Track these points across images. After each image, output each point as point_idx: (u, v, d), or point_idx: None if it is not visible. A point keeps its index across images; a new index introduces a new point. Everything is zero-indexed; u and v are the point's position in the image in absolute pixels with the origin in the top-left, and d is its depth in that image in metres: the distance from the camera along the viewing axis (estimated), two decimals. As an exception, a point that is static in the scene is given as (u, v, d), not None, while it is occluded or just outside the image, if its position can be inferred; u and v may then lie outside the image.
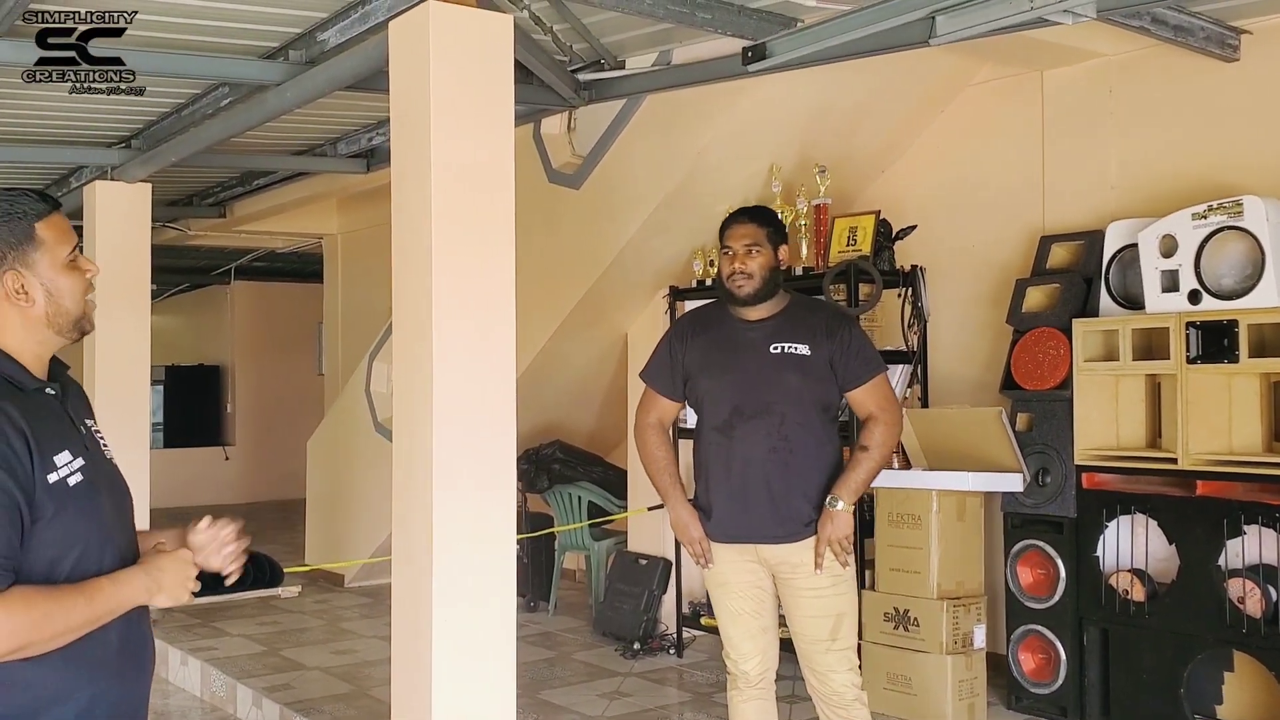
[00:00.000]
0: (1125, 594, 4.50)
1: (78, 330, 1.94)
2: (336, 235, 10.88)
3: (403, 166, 3.83)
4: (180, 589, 1.88)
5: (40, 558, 1.76)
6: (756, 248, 3.41)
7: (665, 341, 3.66)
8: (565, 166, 6.26)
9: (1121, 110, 5.09)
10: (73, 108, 5.42)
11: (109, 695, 1.85)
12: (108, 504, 1.89)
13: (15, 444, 1.74)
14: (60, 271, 1.90)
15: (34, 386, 1.87)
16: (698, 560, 3.53)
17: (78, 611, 1.75)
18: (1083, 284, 4.83)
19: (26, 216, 1.88)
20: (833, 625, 3.41)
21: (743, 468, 3.40)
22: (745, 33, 4.19)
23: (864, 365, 3.47)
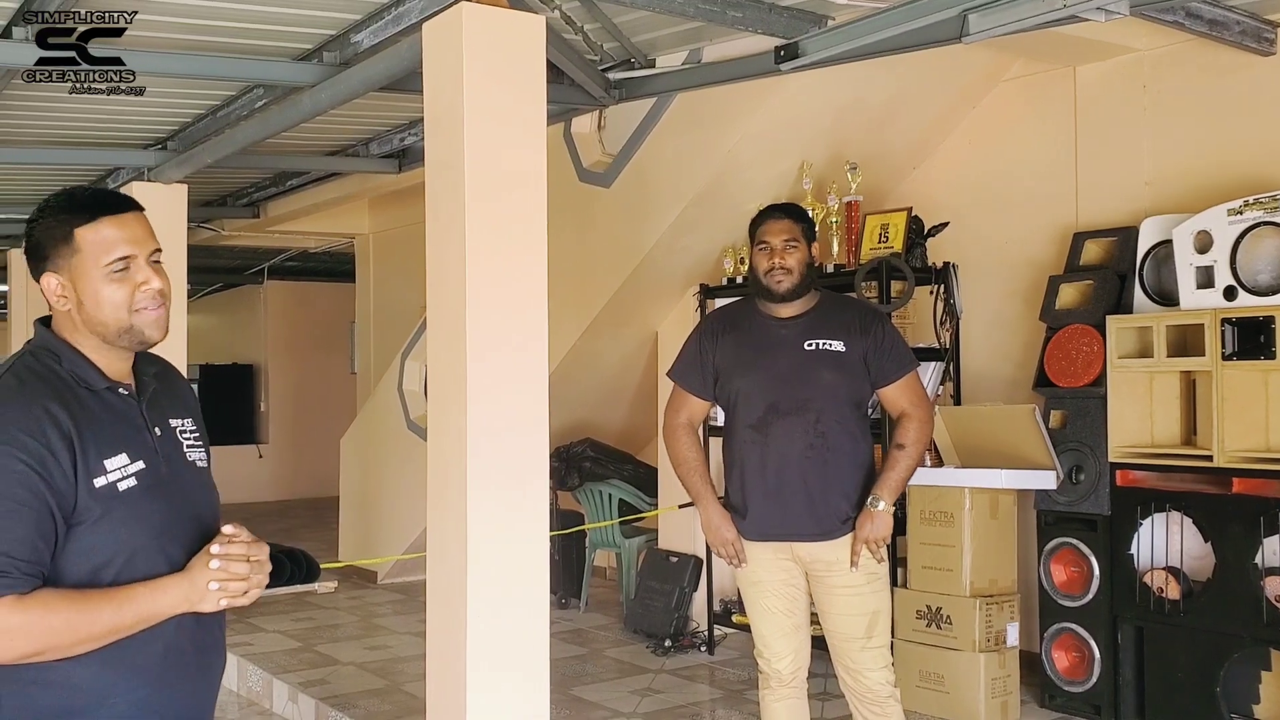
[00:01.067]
0: (1160, 592, 4.47)
1: (128, 341, 1.86)
2: (368, 235, 10.96)
3: (436, 167, 3.85)
4: (207, 601, 1.79)
5: (83, 562, 1.74)
6: (794, 243, 3.41)
7: (694, 340, 3.64)
8: (596, 165, 6.28)
9: (1155, 105, 5.05)
10: (110, 111, 5.48)
11: (151, 702, 1.80)
12: (165, 511, 1.83)
13: (56, 446, 1.72)
14: (98, 280, 1.82)
15: (104, 386, 1.84)
16: (730, 561, 3.51)
17: (103, 619, 1.71)
18: (1116, 280, 4.80)
19: (69, 221, 1.83)
20: (868, 623, 3.41)
21: (779, 465, 3.39)
22: (776, 30, 4.20)
23: (897, 362, 3.46)
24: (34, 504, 1.68)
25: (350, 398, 11.76)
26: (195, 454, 1.95)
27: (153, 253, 1.87)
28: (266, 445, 13.73)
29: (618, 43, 4.74)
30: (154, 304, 1.86)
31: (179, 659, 1.84)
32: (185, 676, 1.86)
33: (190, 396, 2.06)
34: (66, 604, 1.68)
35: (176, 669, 1.84)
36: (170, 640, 1.81)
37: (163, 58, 4.46)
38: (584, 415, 7.27)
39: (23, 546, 1.66)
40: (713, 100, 5.35)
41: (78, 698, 1.74)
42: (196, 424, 2.01)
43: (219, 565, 1.78)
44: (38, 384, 1.78)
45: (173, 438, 1.91)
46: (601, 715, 4.98)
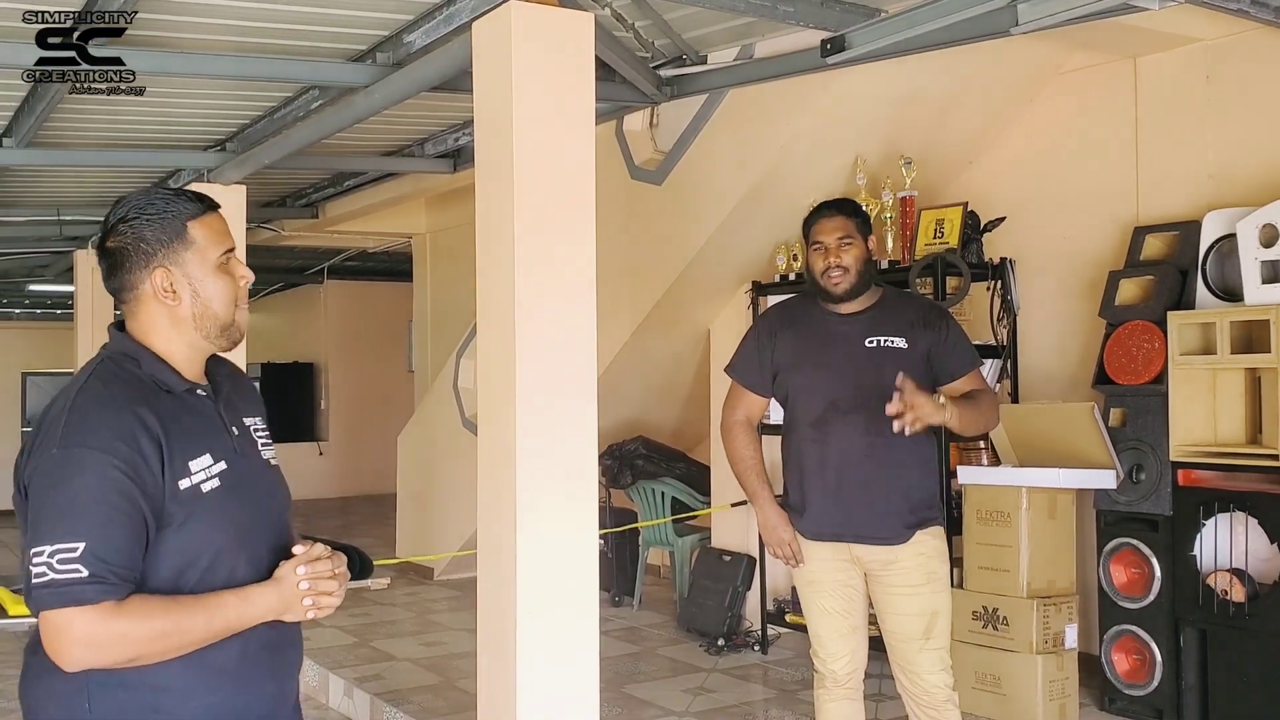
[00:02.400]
0: (1224, 594, 4.37)
1: (226, 338, 1.89)
2: (425, 234, 11.05)
3: (486, 166, 3.87)
4: (295, 611, 1.84)
5: (167, 565, 1.74)
6: (849, 240, 3.34)
7: (753, 335, 3.58)
8: (647, 163, 6.27)
9: (1219, 96, 4.94)
10: (170, 113, 5.57)
11: (231, 702, 1.82)
12: (247, 510, 1.85)
13: (147, 450, 1.71)
14: (210, 273, 1.85)
15: (184, 388, 1.85)
16: (787, 561, 3.46)
17: (196, 629, 1.72)
18: (1178, 275, 4.70)
19: (180, 215, 1.85)
20: (926, 624, 3.35)
21: (839, 464, 3.33)
22: (828, 25, 4.16)
23: (962, 359, 3.39)
24: (129, 510, 1.68)
25: (408, 395, 11.87)
26: (269, 452, 1.97)
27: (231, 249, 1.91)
28: (327, 443, 13.91)
29: (669, 39, 4.73)
30: (246, 300, 1.92)
31: (255, 660, 1.84)
32: (261, 676, 1.87)
33: (258, 396, 2.09)
34: (161, 612, 1.69)
35: (253, 669, 1.85)
36: (247, 643, 1.82)
37: (218, 60, 4.52)
38: (636, 413, 7.27)
39: (120, 554, 1.67)
40: (765, 96, 5.32)
41: (162, 699, 1.76)
42: (265, 423, 2.02)
43: (308, 586, 1.81)
44: (123, 389, 1.78)
45: (248, 437, 1.93)
46: (653, 714, 4.97)
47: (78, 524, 1.65)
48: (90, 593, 1.63)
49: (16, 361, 14.84)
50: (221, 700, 1.80)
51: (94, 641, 1.65)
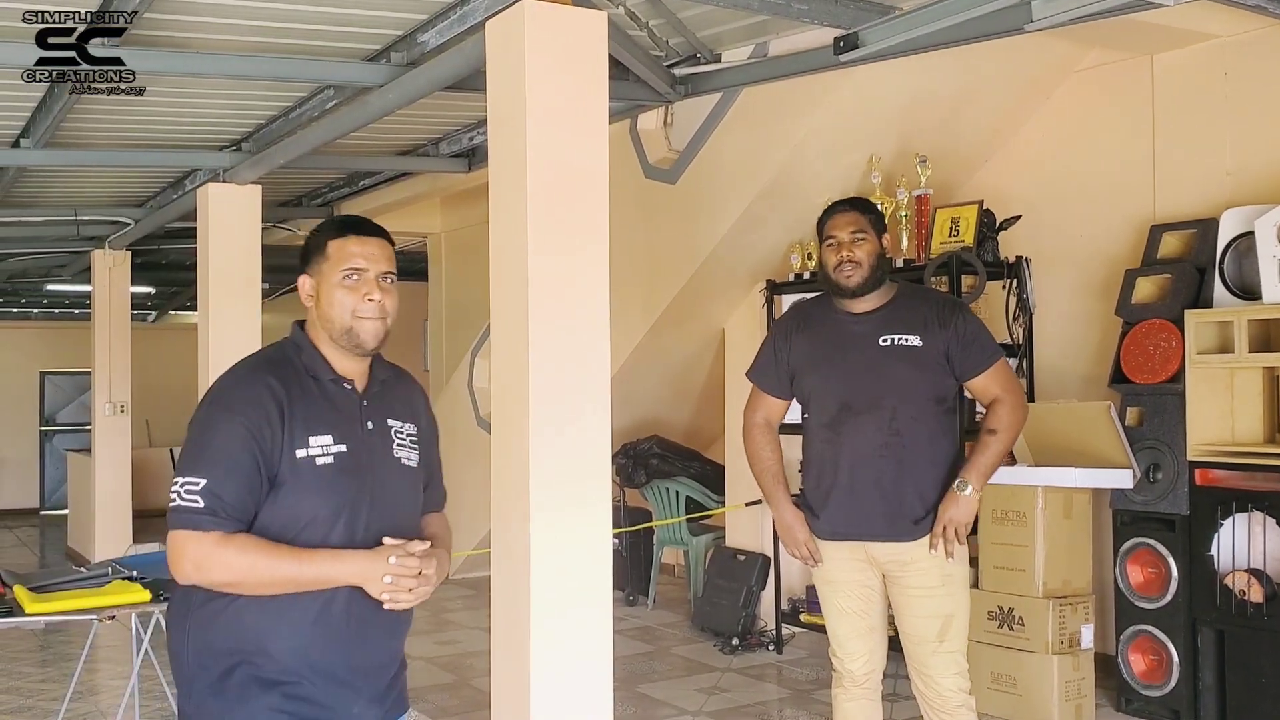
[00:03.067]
0: (1242, 594, 4.35)
1: (349, 341, 2.16)
2: (440, 234, 11.06)
3: (499, 165, 3.87)
4: (374, 586, 2.06)
5: (277, 519, 2.04)
6: (862, 235, 3.32)
7: (769, 339, 3.59)
8: (661, 162, 6.27)
9: (1237, 93, 4.91)
10: (186, 113, 5.59)
11: (305, 654, 2.06)
12: (353, 490, 2.10)
13: (271, 414, 2.05)
14: (335, 284, 2.15)
15: (329, 378, 2.16)
16: (805, 562, 3.46)
17: (286, 569, 2.01)
18: (1195, 274, 4.68)
19: (325, 233, 2.21)
20: (941, 626, 3.31)
21: (852, 465, 3.31)
22: (842, 22, 4.14)
23: (982, 353, 3.35)
24: (247, 462, 2.02)
25: (423, 395, 11.88)
26: (404, 453, 2.22)
27: (384, 274, 2.18)
28: (342, 441, 13.91)
29: (683, 38, 4.72)
30: (372, 314, 2.16)
31: (330, 622, 2.08)
32: (336, 639, 2.09)
33: (420, 406, 2.34)
34: (260, 550, 2.00)
35: (327, 631, 2.07)
36: (326, 606, 2.07)
37: (234, 60, 4.54)
38: (651, 412, 7.27)
39: (233, 496, 2.00)
40: (779, 94, 5.31)
41: (245, 640, 2.05)
42: (420, 430, 2.29)
43: (391, 580, 2.07)
44: (268, 366, 2.14)
45: (385, 434, 2.20)
46: (667, 713, 4.97)
47: (203, 465, 2.02)
48: (204, 521, 1.99)
49: (35, 361, 14.93)
50: (296, 649, 2.06)
51: (201, 562, 2.00)
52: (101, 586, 3.98)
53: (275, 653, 2.06)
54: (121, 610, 3.95)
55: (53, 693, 5.61)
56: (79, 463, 10.91)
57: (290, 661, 2.07)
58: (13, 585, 3.97)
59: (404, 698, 2.33)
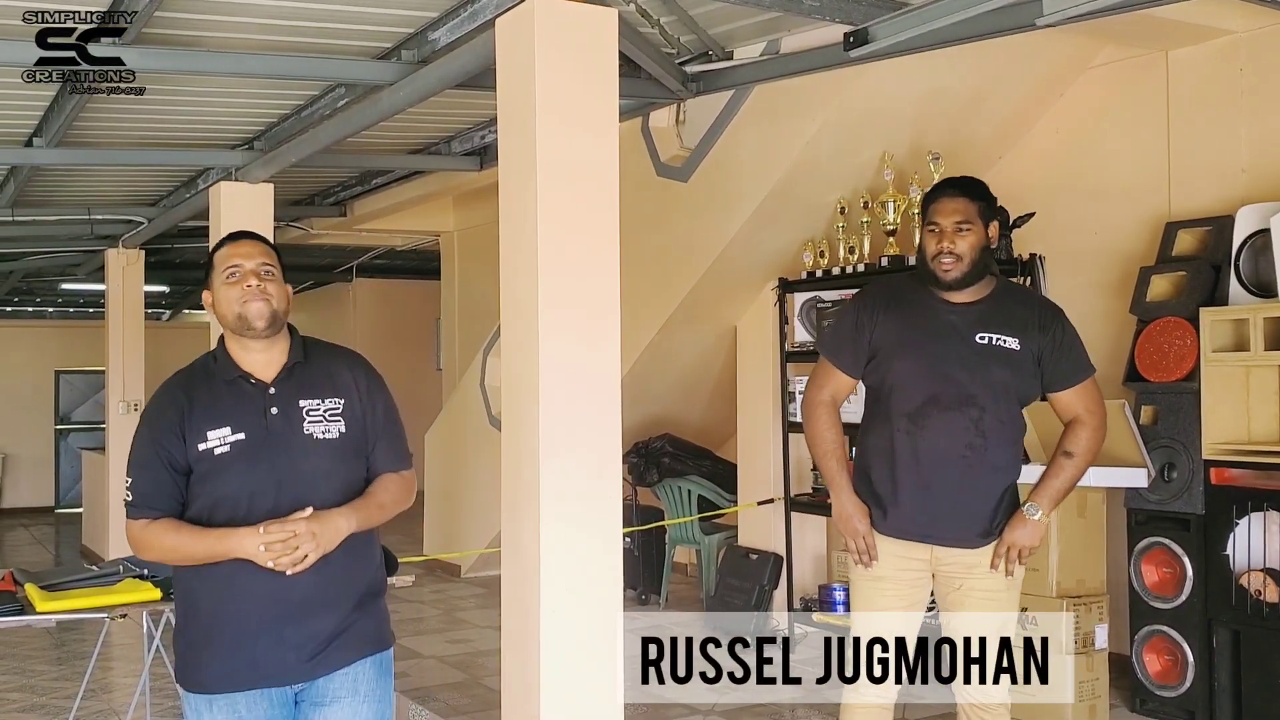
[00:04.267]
0: (1257, 594, 4.31)
1: (242, 327, 2.47)
2: (453, 233, 11.08)
3: (509, 162, 3.86)
4: (258, 557, 2.36)
5: (199, 503, 2.43)
6: (967, 225, 3.11)
7: (851, 312, 3.31)
8: (673, 159, 6.26)
9: (1253, 89, 4.87)
10: (199, 112, 5.60)
11: (232, 600, 2.42)
12: (259, 469, 2.42)
13: (173, 420, 2.43)
14: (221, 285, 2.50)
15: (235, 377, 2.49)
16: (859, 558, 3.24)
17: (190, 547, 2.41)
18: (1211, 271, 4.64)
19: (213, 252, 2.57)
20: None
21: (933, 462, 3.12)
22: (853, 19, 4.12)
23: (1076, 366, 3.20)
24: (157, 463, 2.43)
25: (435, 394, 11.90)
26: (318, 428, 2.48)
27: (261, 264, 2.50)
28: (355, 440, 13.92)
29: (694, 35, 4.71)
30: (254, 296, 2.46)
31: (247, 579, 2.40)
32: (254, 596, 2.41)
33: (344, 380, 2.57)
34: (172, 532, 2.42)
35: (245, 584, 2.41)
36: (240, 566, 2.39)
37: (245, 58, 4.54)
38: (662, 411, 7.25)
39: (150, 491, 2.43)
40: (791, 91, 5.29)
41: (189, 599, 2.50)
42: (351, 402, 2.54)
43: (264, 549, 2.36)
44: (181, 378, 2.53)
45: (293, 415, 2.47)
46: (678, 712, 4.96)
47: (131, 469, 2.47)
48: (133, 512, 2.45)
49: (49, 360, 14.98)
50: (218, 603, 2.44)
51: (135, 544, 2.49)
52: (113, 585, 4.00)
53: (205, 608, 2.47)
54: (133, 608, 3.97)
55: (66, 690, 5.63)
56: (93, 461, 10.95)
57: (214, 615, 2.45)
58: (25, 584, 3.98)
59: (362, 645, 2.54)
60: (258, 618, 2.43)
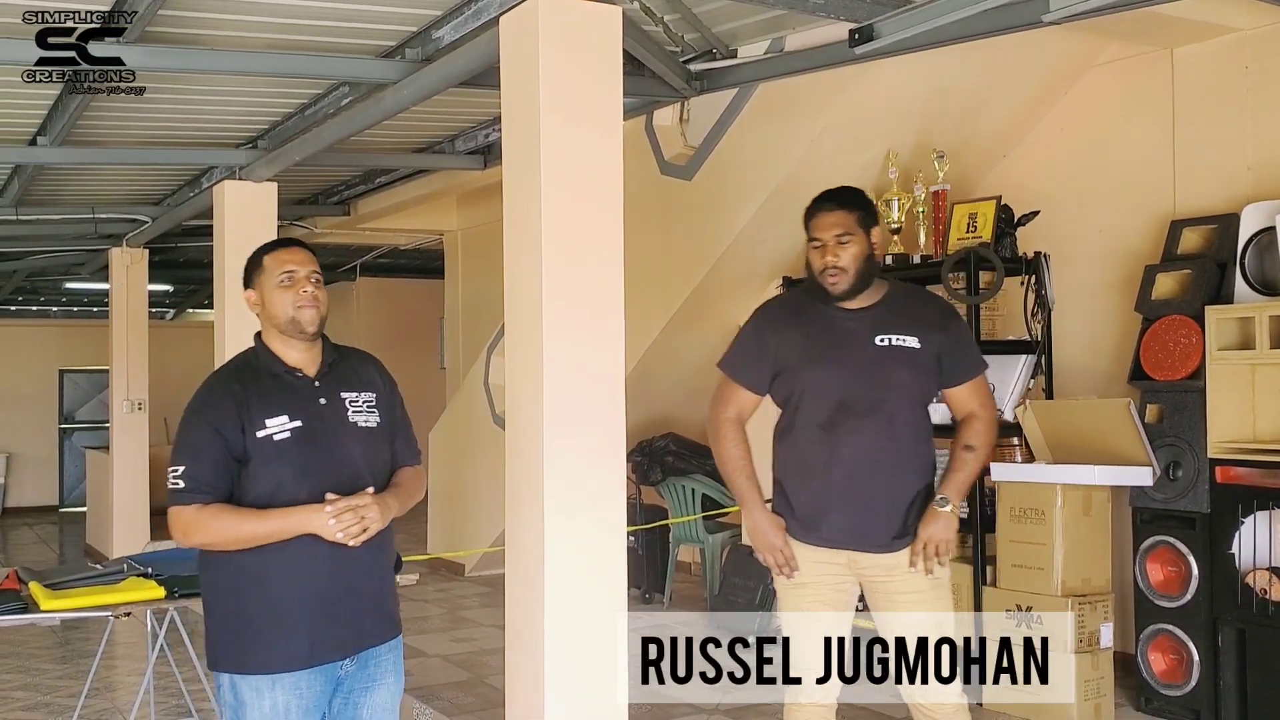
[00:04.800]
0: (1263, 593, 4.30)
1: (294, 329, 2.65)
2: (457, 232, 11.07)
3: (513, 161, 3.86)
4: (327, 533, 2.53)
5: (256, 488, 2.56)
6: (847, 236, 3.12)
7: (752, 330, 3.32)
8: (677, 158, 6.25)
9: (1258, 87, 4.86)
10: (202, 110, 5.60)
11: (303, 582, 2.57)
12: (312, 456, 2.59)
13: (231, 409, 2.57)
14: (274, 288, 2.66)
15: (283, 371, 2.67)
16: (780, 570, 3.23)
17: (248, 529, 2.54)
18: (1216, 269, 4.63)
19: (259, 253, 2.73)
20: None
21: (846, 469, 3.13)
22: (858, 17, 4.11)
23: (972, 362, 3.25)
24: (214, 449, 2.55)
25: (439, 392, 11.89)
26: (360, 417, 2.69)
27: (311, 273, 2.69)
28: (359, 439, 13.92)
29: (698, 33, 4.70)
30: (308, 303, 2.65)
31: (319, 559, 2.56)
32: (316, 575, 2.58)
33: (372, 375, 2.80)
34: (229, 514, 2.54)
35: (315, 566, 2.57)
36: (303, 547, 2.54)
37: (249, 57, 4.54)
38: (666, 410, 7.25)
39: (206, 476, 2.54)
40: (795, 90, 5.29)
41: (245, 579, 2.58)
42: (381, 395, 2.76)
43: (334, 521, 2.53)
44: (229, 372, 2.69)
45: (337, 406, 2.67)
46: (683, 711, 4.95)
47: (182, 456, 2.58)
48: (184, 497, 2.55)
49: (53, 359, 15.00)
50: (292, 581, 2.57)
51: (186, 529, 2.56)
52: (117, 583, 3.99)
53: (268, 591, 2.57)
54: (137, 607, 3.96)
55: (70, 689, 5.63)
56: (97, 460, 10.96)
57: (278, 598, 2.57)
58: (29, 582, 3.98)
59: (394, 624, 2.79)
60: (318, 596, 2.59)
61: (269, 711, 2.58)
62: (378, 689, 2.73)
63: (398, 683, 2.79)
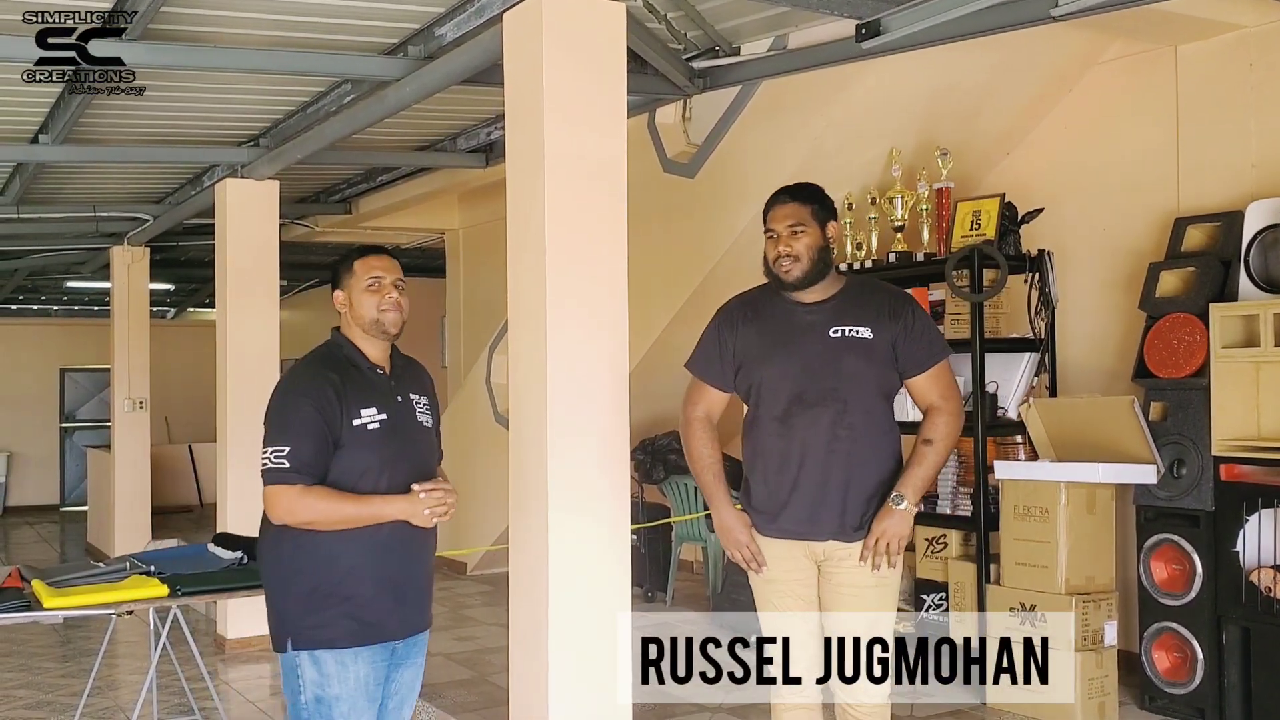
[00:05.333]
0: (1267, 591, 4.29)
1: (378, 330, 2.90)
2: (458, 230, 11.06)
3: (517, 158, 3.85)
4: (419, 518, 2.82)
5: (344, 472, 2.77)
6: (800, 227, 3.20)
7: (713, 329, 3.41)
8: (680, 156, 6.24)
9: (1263, 84, 4.85)
10: (204, 109, 5.59)
11: (374, 563, 2.81)
12: (394, 447, 2.84)
13: (331, 395, 2.77)
14: (361, 291, 2.91)
15: (367, 366, 2.91)
16: (747, 565, 3.29)
17: (349, 511, 2.76)
18: (1220, 267, 4.62)
19: (350, 257, 2.97)
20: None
21: (802, 459, 3.18)
22: (861, 13, 4.10)
23: (929, 349, 3.24)
24: (315, 431, 2.74)
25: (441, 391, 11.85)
26: (423, 417, 2.98)
27: (396, 280, 2.94)
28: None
29: (701, 31, 4.69)
30: (391, 306, 2.90)
31: (394, 541, 2.83)
32: (385, 559, 2.82)
33: (427, 383, 3.09)
34: (329, 497, 2.75)
35: (379, 553, 2.81)
36: (375, 534, 2.80)
37: (251, 54, 4.53)
38: (669, 408, 7.20)
39: (310, 457, 2.73)
40: (798, 87, 5.27)
41: (319, 561, 2.78)
42: (430, 401, 3.05)
43: (425, 497, 2.82)
44: (323, 361, 2.89)
45: (409, 404, 2.94)
46: (686, 710, 4.95)
47: (286, 436, 2.75)
48: (291, 477, 2.72)
49: (55, 358, 15.00)
50: (366, 560, 2.79)
51: (291, 508, 2.74)
52: (119, 581, 3.99)
53: (342, 570, 2.77)
54: (139, 605, 3.96)
55: (72, 687, 5.63)
56: (99, 459, 10.96)
57: (352, 576, 2.77)
58: (31, 580, 3.98)
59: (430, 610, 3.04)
60: (385, 575, 2.82)
61: (353, 683, 2.79)
62: (407, 667, 2.99)
63: (421, 663, 3.05)
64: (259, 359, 6.73)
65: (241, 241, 6.71)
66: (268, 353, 6.79)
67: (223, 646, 6.56)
